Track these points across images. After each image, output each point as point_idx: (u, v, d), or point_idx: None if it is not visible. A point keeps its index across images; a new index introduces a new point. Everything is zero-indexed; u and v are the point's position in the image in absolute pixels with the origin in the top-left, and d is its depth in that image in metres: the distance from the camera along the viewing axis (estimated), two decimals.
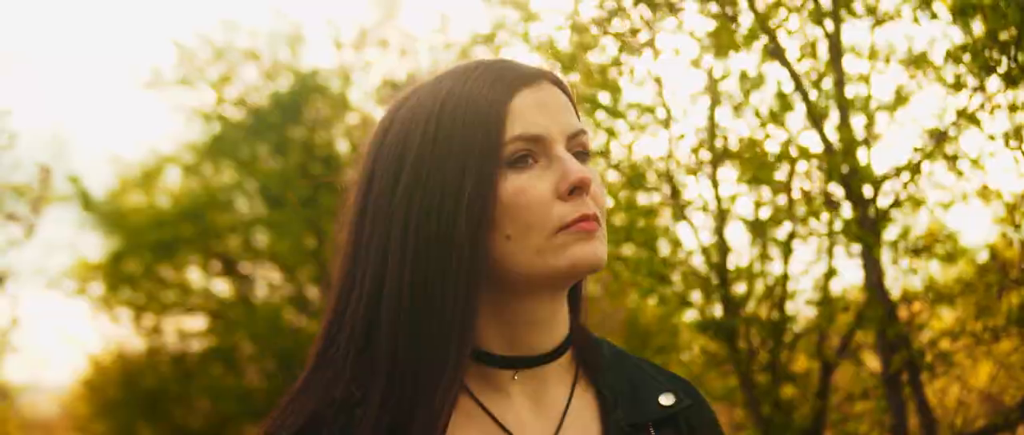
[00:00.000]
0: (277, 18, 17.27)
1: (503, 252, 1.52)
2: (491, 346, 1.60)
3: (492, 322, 1.59)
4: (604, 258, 1.53)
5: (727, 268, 4.98)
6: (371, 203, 1.58)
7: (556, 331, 1.63)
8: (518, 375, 1.61)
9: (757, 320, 4.93)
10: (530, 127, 1.53)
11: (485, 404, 1.59)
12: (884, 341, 4.31)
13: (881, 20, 4.43)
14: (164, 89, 15.09)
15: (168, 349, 16.07)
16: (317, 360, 1.60)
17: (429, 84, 1.61)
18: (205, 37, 14.80)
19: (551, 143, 1.54)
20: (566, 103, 1.61)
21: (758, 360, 4.96)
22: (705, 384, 5.61)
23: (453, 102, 1.54)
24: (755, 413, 4.88)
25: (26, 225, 7.97)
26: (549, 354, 1.63)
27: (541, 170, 1.53)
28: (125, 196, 16.48)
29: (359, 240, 1.58)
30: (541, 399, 1.63)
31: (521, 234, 1.51)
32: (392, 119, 1.61)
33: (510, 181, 1.51)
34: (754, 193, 4.96)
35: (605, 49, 4.73)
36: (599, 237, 1.54)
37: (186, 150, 16.04)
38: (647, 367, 1.77)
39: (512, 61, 1.62)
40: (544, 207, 1.51)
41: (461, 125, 1.52)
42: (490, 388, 1.60)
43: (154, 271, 15.84)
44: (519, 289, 1.56)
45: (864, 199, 4.30)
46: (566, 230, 1.51)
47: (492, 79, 1.56)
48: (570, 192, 1.51)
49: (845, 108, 4.37)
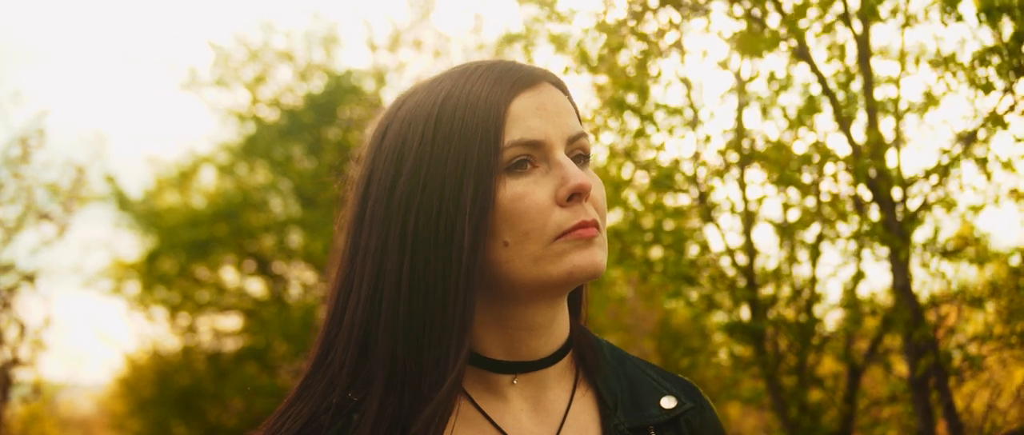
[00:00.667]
0: (313, 19, 17.37)
1: (500, 259, 1.50)
2: (490, 351, 1.58)
3: (491, 327, 1.58)
4: (603, 265, 1.51)
5: (754, 271, 4.95)
6: (369, 207, 1.56)
7: (555, 335, 1.62)
8: (517, 379, 1.60)
9: (785, 323, 4.90)
10: (528, 132, 1.51)
11: (484, 409, 1.57)
12: (911, 345, 4.27)
13: (909, 21, 4.39)
14: (200, 90, 15.22)
15: (202, 348, 16.19)
16: (315, 365, 1.58)
17: (428, 85, 1.59)
18: (241, 38, 14.88)
19: (550, 148, 1.52)
20: (567, 106, 1.58)
21: (785, 363, 4.93)
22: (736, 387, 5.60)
23: (452, 104, 1.52)
24: (782, 416, 4.85)
25: (59, 225, 8.01)
26: (548, 358, 1.61)
27: (540, 175, 1.51)
28: (161, 196, 16.62)
29: (357, 244, 1.57)
30: (541, 403, 1.61)
31: (519, 241, 1.49)
32: (391, 120, 1.60)
33: (508, 187, 1.49)
34: (782, 195, 4.92)
35: (632, 51, 4.71)
36: (598, 243, 1.52)
37: (221, 150, 16.17)
38: (649, 369, 1.75)
39: (513, 62, 1.60)
40: (542, 214, 1.49)
41: (459, 128, 1.50)
42: (489, 393, 1.59)
43: (189, 270, 15.96)
44: (517, 295, 1.54)
45: (892, 202, 4.26)
46: (564, 237, 1.49)
47: (492, 82, 1.53)
48: (569, 198, 1.49)
49: (873, 110, 4.33)
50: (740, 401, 5.32)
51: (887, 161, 4.28)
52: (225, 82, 15.09)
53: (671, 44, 4.67)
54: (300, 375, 1.60)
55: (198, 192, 16.83)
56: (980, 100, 4.21)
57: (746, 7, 4.32)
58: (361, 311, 1.53)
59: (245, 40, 14.91)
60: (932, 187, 4.35)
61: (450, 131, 1.50)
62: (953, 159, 4.29)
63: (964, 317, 4.75)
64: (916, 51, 4.45)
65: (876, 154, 4.22)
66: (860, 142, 4.34)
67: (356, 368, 1.53)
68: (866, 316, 4.87)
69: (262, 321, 15.49)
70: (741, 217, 5.00)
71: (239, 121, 15.58)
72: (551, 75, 1.61)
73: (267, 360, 15.09)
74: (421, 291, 1.49)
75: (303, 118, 14.99)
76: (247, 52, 14.96)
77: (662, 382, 1.73)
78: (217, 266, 16.20)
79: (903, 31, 4.44)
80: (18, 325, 7.86)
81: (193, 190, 16.79)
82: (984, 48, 3.96)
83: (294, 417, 1.53)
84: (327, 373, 1.55)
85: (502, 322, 1.57)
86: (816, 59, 4.38)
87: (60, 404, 20.18)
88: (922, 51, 4.45)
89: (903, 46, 4.47)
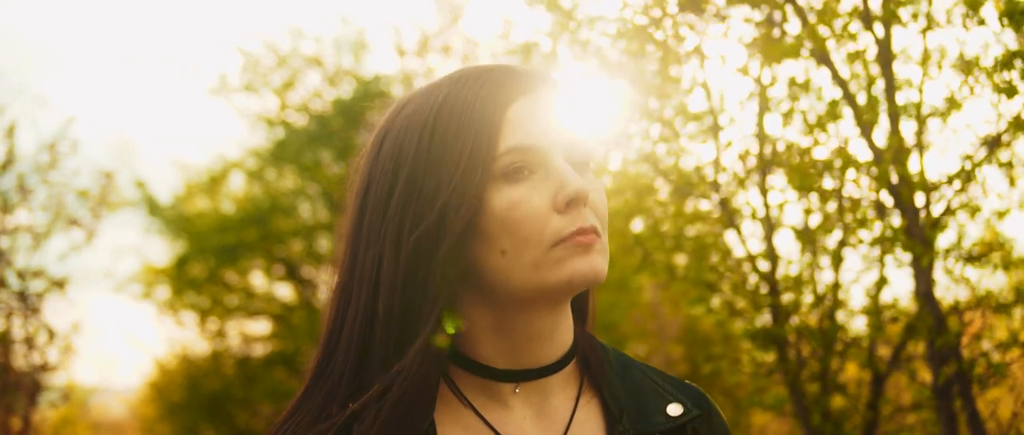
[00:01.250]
0: (342, 25, 17.44)
1: (498, 267, 1.48)
2: (492, 359, 1.56)
3: (492, 336, 1.55)
4: (603, 271, 1.48)
5: (776, 277, 4.93)
6: (366, 216, 1.54)
7: (558, 343, 1.59)
8: (520, 388, 1.57)
9: (807, 329, 4.86)
10: (525, 138, 1.48)
11: (487, 418, 1.55)
12: (934, 352, 4.23)
13: (931, 25, 4.35)
14: (230, 95, 15.28)
15: (231, 353, 16.27)
16: (314, 376, 1.57)
17: (426, 91, 1.56)
18: (270, 44, 14.95)
19: (548, 153, 1.49)
20: (565, 110, 1.56)
21: (808, 370, 4.90)
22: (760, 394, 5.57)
23: (448, 111, 1.50)
24: (805, 423, 4.82)
25: (87, 230, 8.08)
26: (551, 366, 1.59)
27: (538, 182, 1.48)
28: (191, 201, 16.72)
29: (355, 253, 1.55)
30: (544, 411, 1.59)
31: (516, 249, 1.46)
32: (389, 127, 1.57)
33: (504, 194, 1.46)
34: (804, 201, 4.90)
35: (651, 56, 4.69)
36: (598, 249, 1.49)
37: (250, 156, 16.25)
38: (655, 376, 1.72)
39: (512, 66, 1.57)
40: (540, 221, 1.46)
41: (454, 135, 1.47)
42: (492, 402, 1.56)
43: (218, 275, 16.05)
44: (517, 303, 1.51)
45: (914, 207, 4.23)
46: (563, 244, 1.46)
47: (488, 87, 1.51)
48: (567, 204, 1.46)
49: (895, 115, 4.30)
50: (762, 408, 5.29)
51: (909, 166, 4.25)
52: (254, 87, 15.15)
53: (690, 50, 4.66)
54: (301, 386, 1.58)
55: (227, 197, 16.92)
56: (1004, 104, 4.18)
57: (765, 13, 4.30)
58: (359, 322, 1.51)
59: (274, 46, 14.98)
60: (955, 192, 4.32)
61: (446, 138, 1.48)
62: (976, 164, 4.26)
63: (988, 323, 4.70)
64: (939, 55, 4.42)
65: (898, 159, 4.19)
66: (882, 147, 4.31)
67: (356, 377, 1.51)
68: (888, 322, 4.83)
69: (290, 326, 15.56)
70: (762, 223, 4.97)
71: (268, 126, 15.65)
72: (549, 78, 1.58)
73: (295, 365, 15.14)
74: (414, 302, 1.47)
75: (332, 123, 15.04)
76: (276, 58, 15.02)
77: (668, 389, 1.69)
78: (246, 271, 16.30)
79: (924, 35, 4.41)
80: (47, 330, 7.92)
81: (222, 195, 16.88)
82: (1008, 52, 3.93)
83: (295, 428, 1.52)
84: (327, 383, 1.53)
85: (503, 330, 1.55)
86: (837, 64, 4.36)
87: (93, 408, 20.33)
88: (944, 55, 4.42)
89: (925, 50, 4.44)
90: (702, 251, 5.10)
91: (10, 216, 7.82)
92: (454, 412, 1.55)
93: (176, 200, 16.54)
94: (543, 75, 1.58)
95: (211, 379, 16.09)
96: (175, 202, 16.48)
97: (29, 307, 7.63)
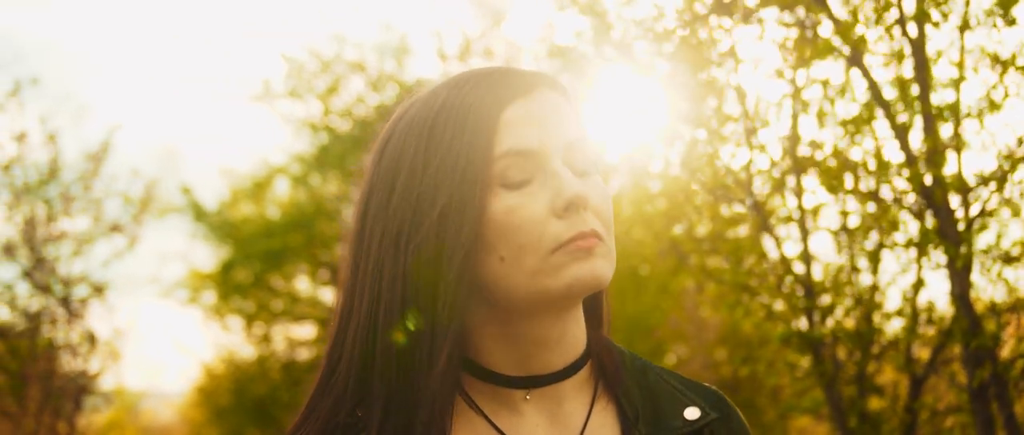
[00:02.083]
0: (384, 30, 17.50)
1: (498, 275, 1.46)
2: (502, 367, 1.54)
3: (500, 343, 1.53)
4: (605, 276, 1.45)
5: (812, 280, 4.90)
6: (368, 224, 1.52)
7: (569, 348, 1.55)
8: (531, 394, 1.54)
9: (843, 332, 4.83)
10: (520, 141, 1.45)
11: (500, 426, 1.52)
12: (969, 354, 4.19)
13: (967, 25, 4.31)
14: (273, 101, 15.37)
15: (277, 357, 16.36)
16: (320, 386, 1.55)
17: (427, 95, 1.54)
18: (314, 50, 15.03)
19: (546, 157, 1.46)
20: (567, 112, 1.52)
21: (844, 372, 4.86)
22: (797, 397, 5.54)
23: (445, 116, 1.48)
24: (841, 426, 4.79)
25: (129, 236, 8.17)
26: (562, 371, 1.55)
27: (536, 187, 1.45)
28: (236, 207, 16.84)
29: (358, 262, 1.53)
30: (557, 418, 1.56)
31: (515, 256, 1.43)
32: (391, 132, 1.55)
33: (502, 200, 1.44)
34: (839, 203, 4.86)
35: (686, 58, 4.67)
36: (600, 254, 1.45)
37: (294, 161, 16.33)
38: (673, 379, 1.68)
39: (510, 69, 1.54)
40: (538, 227, 1.43)
41: (451, 141, 1.45)
42: (504, 409, 1.54)
43: (264, 280, 16.15)
44: (520, 310, 1.49)
45: (948, 208, 4.19)
46: (562, 250, 1.42)
47: (484, 90, 1.48)
48: (566, 209, 1.43)
49: (929, 115, 4.26)
50: (799, 411, 5.25)
51: (944, 167, 4.20)
52: (298, 93, 15.24)
53: (724, 52, 4.64)
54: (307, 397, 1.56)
55: (272, 203, 17.03)
56: None
57: (798, 15, 4.28)
58: (362, 332, 1.49)
59: (317, 52, 15.06)
60: (991, 192, 4.27)
61: (442, 144, 1.46)
62: (1014, 163, 4.21)
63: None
64: (975, 55, 4.37)
65: (932, 160, 4.15)
66: (917, 148, 4.28)
67: (361, 386, 1.50)
68: (924, 325, 4.78)
69: None
70: (798, 225, 4.94)
71: (312, 132, 15.73)
72: (549, 79, 1.55)
73: None
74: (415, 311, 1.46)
75: (375, 128, 15.06)
76: (319, 64, 15.09)
77: (686, 392, 1.66)
78: (291, 276, 16.39)
79: (962, 34, 4.36)
80: (90, 336, 8.03)
81: (267, 201, 17.00)
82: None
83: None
84: (332, 393, 1.52)
85: (510, 337, 1.52)
86: (870, 65, 4.33)
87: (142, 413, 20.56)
88: (983, 54, 4.37)
89: (962, 50, 4.40)
90: (738, 254, 5.08)
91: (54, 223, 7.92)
92: (466, 420, 1.53)
93: (222, 206, 16.66)
94: (543, 77, 1.55)
95: (257, 383, 16.20)
96: (221, 208, 16.60)
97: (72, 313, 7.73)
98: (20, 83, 8.15)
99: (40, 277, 7.63)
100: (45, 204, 7.95)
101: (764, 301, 5.11)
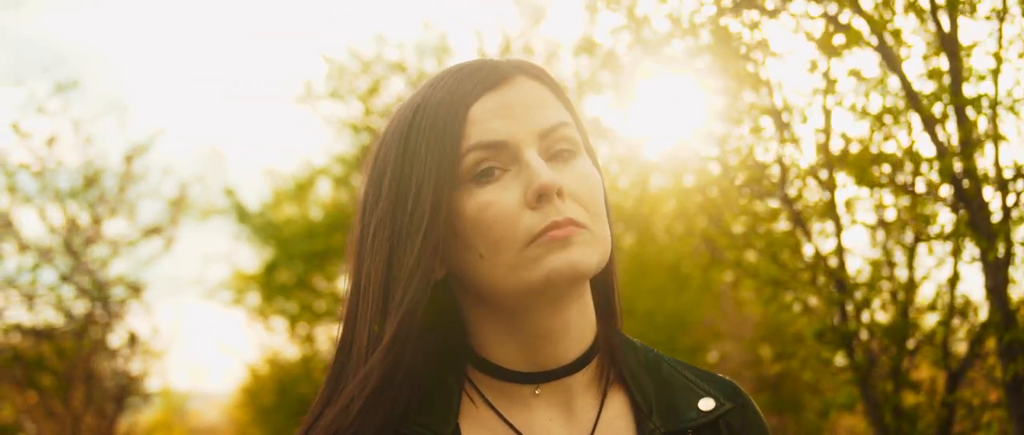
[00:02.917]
0: (424, 30, 17.52)
1: (480, 271, 1.45)
2: (509, 362, 1.53)
3: (504, 338, 1.52)
4: (585, 264, 1.42)
5: (846, 274, 4.85)
6: (360, 230, 1.53)
7: (576, 340, 1.54)
8: (540, 389, 1.53)
9: (878, 326, 4.78)
10: (487, 134, 1.44)
11: (511, 421, 1.52)
12: (1003, 348, 4.12)
13: (1003, 15, 4.24)
14: (315, 103, 15.42)
15: (321, 357, 16.43)
16: (327, 391, 1.53)
17: (411, 97, 1.54)
18: (354, 51, 15.07)
19: (517, 147, 1.45)
20: (541, 98, 1.51)
21: (879, 367, 4.81)
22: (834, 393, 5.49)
23: (420, 115, 1.47)
24: (876, 421, 4.74)
25: (166, 238, 8.24)
26: (571, 364, 1.54)
27: (510, 180, 1.44)
28: (279, 208, 16.94)
29: (358, 266, 1.52)
30: (570, 411, 1.54)
31: (492, 251, 1.42)
32: (383, 135, 1.56)
33: (474, 196, 1.43)
34: (874, 197, 4.81)
35: (717, 52, 4.64)
36: (578, 242, 1.42)
37: (336, 162, 16.39)
38: (686, 371, 1.66)
39: (483, 61, 1.53)
40: (510, 220, 1.41)
41: (425, 140, 1.45)
42: (515, 405, 1.53)
43: (307, 281, 16.22)
44: (510, 305, 1.48)
45: (981, 201, 4.13)
46: (536, 242, 1.40)
47: (454, 87, 1.47)
48: (538, 199, 1.42)
49: (961, 108, 4.19)
50: (833, 408, 5.21)
51: (977, 160, 4.14)
52: (339, 94, 15.28)
53: (754, 44, 4.60)
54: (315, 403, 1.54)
55: (315, 203, 17.12)
56: None
57: (825, 7, 4.24)
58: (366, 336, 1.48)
59: (358, 53, 15.10)
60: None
61: (417, 144, 1.46)
62: None
63: None
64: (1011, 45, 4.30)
65: (965, 153, 4.09)
66: (950, 141, 4.22)
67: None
68: (959, 319, 4.72)
69: None
70: (831, 220, 4.90)
71: (353, 132, 15.77)
72: (524, 66, 1.53)
73: None
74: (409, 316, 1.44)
75: None
76: (360, 64, 15.13)
77: (699, 383, 1.63)
78: (334, 276, 16.44)
79: (1001, 24, 4.28)
80: (130, 337, 8.11)
81: (310, 202, 17.09)
82: None
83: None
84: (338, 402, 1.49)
85: (513, 332, 1.51)
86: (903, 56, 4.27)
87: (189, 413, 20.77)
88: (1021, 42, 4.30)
89: (1000, 40, 4.32)
90: (772, 249, 5.03)
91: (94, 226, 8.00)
92: (478, 417, 1.52)
93: (264, 207, 16.78)
94: (518, 65, 1.53)
95: (301, 383, 16.27)
96: (264, 209, 16.72)
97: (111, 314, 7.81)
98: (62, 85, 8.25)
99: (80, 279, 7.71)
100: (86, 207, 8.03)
101: (799, 296, 5.07)
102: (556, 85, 1.56)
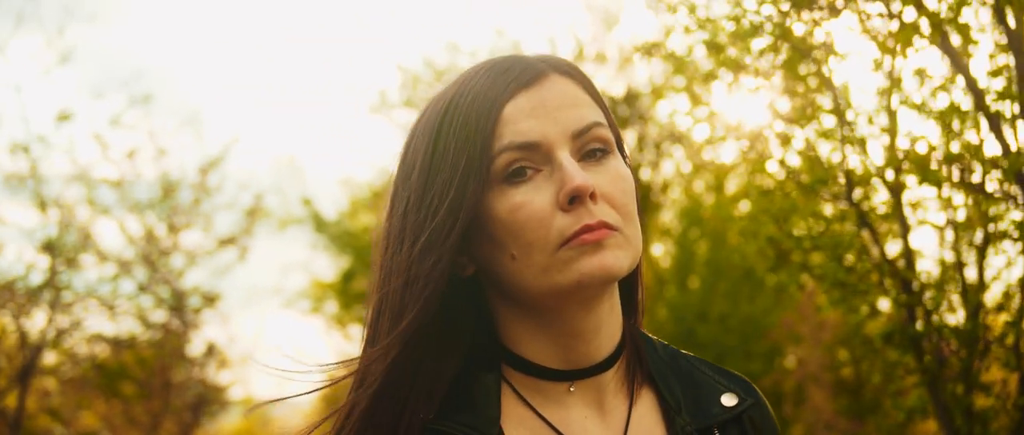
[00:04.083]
0: (496, 37, 17.58)
1: (511, 272, 1.44)
2: (544, 360, 1.53)
3: (538, 337, 1.52)
4: (617, 267, 1.41)
5: (915, 275, 4.78)
6: (388, 226, 1.53)
7: (606, 339, 1.54)
8: (574, 386, 1.53)
9: (947, 328, 4.70)
10: (520, 135, 1.43)
11: (549, 419, 1.52)
12: None
13: None
14: (390, 112, 15.53)
15: None
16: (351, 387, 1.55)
17: (440, 93, 1.53)
18: (428, 60, 15.16)
19: (550, 148, 1.43)
20: (575, 97, 1.49)
21: (949, 369, 4.73)
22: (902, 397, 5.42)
23: (451, 112, 1.46)
24: (946, 424, 4.66)
25: (240, 248, 8.33)
26: (603, 362, 1.54)
27: (542, 180, 1.42)
28: (355, 217, 17.04)
29: (385, 265, 1.52)
30: (603, 408, 1.55)
31: (524, 253, 1.42)
32: (412, 132, 1.55)
33: (506, 197, 1.42)
34: (942, 198, 4.74)
35: (780, 53, 4.61)
36: (610, 245, 1.41)
37: None
38: (704, 368, 1.67)
39: (516, 58, 1.51)
40: (543, 222, 1.40)
41: (454, 139, 1.44)
42: (550, 402, 1.53)
43: None
44: (542, 306, 1.48)
45: None
46: (569, 244, 1.40)
47: (487, 85, 1.46)
48: (570, 202, 1.40)
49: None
50: (901, 410, 5.13)
51: None
52: (413, 103, 15.37)
53: (818, 44, 4.57)
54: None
55: None
56: None
57: (889, 5, 4.19)
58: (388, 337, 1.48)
59: (431, 61, 15.18)
60: None
61: (446, 143, 1.45)
62: None
63: None
64: None
65: None
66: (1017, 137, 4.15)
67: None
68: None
69: None
70: (898, 221, 4.83)
71: None
72: (557, 63, 1.52)
73: None
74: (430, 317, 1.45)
75: None
76: (433, 73, 15.21)
77: (719, 379, 1.65)
78: None
79: None
80: (209, 346, 8.23)
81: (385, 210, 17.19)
82: None
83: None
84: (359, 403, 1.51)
85: (547, 331, 1.51)
86: (966, 53, 4.22)
87: (273, 421, 20.95)
88: None
89: None
90: (839, 251, 4.98)
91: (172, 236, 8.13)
92: (517, 414, 1.53)
93: (341, 216, 16.90)
94: (552, 62, 1.52)
95: None
96: (340, 218, 16.83)
97: (187, 324, 7.92)
98: (139, 98, 8.40)
99: (158, 289, 7.85)
100: (163, 218, 8.17)
101: (868, 298, 5.00)
102: (589, 82, 1.55)
